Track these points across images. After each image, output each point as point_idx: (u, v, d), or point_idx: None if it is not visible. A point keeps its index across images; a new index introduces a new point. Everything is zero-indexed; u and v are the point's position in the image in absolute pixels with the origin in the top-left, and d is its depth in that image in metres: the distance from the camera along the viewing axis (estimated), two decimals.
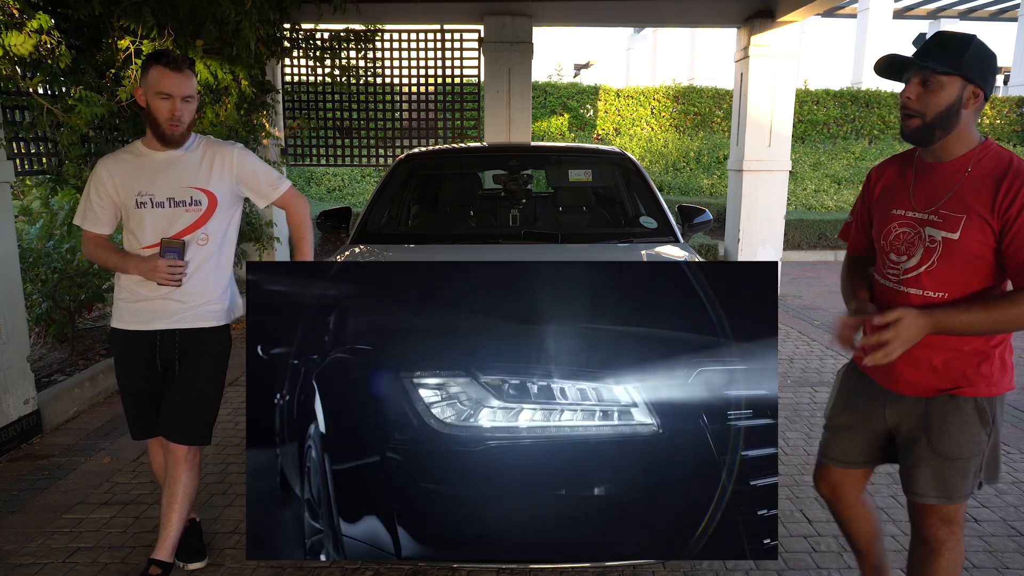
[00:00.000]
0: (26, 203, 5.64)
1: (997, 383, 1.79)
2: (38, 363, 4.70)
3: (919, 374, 1.83)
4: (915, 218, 1.81)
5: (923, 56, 1.72)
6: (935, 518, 1.86)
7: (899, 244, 1.83)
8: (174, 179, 2.39)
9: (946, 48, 1.70)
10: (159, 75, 2.28)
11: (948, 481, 1.82)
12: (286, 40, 5.48)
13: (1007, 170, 1.69)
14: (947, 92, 1.70)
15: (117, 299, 2.49)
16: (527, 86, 7.64)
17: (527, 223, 4.47)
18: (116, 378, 2.58)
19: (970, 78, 1.70)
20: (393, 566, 2.65)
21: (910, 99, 1.74)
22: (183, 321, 2.45)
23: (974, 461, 1.81)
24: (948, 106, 1.71)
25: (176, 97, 2.29)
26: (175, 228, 2.39)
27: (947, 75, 1.69)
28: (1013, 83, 17.28)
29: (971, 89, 1.71)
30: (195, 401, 2.50)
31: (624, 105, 14.94)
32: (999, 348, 1.80)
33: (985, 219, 1.69)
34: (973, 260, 1.72)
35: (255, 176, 2.52)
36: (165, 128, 2.32)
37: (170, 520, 2.52)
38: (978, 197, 1.70)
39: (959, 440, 1.79)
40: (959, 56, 1.69)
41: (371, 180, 12.73)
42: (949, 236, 1.73)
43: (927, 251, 1.77)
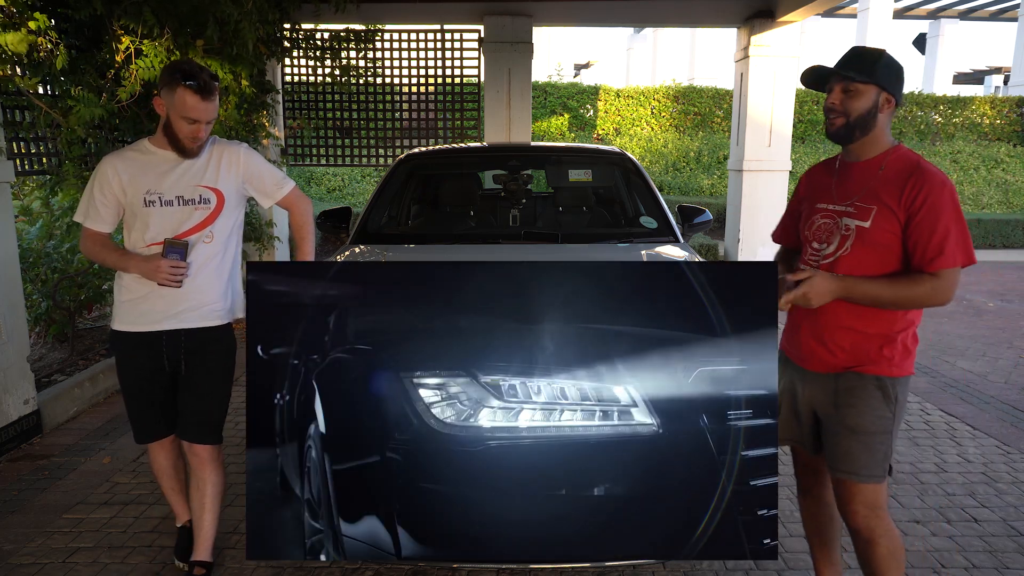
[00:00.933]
0: (26, 203, 5.64)
1: (899, 365, 1.99)
2: (38, 363, 4.70)
3: (829, 354, 2.03)
4: (835, 210, 2.04)
5: (844, 67, 1.96)
6: (857, 503, 2.01)
7: (820, 233, 2.06)
8: (183, 178, 2.38)
9: (863, 60, 1.95)
10: (186, 98, 2.23)
11: (855, 455, 1.99)
12: (286, 40, 5.47)
13: (914, 170, 1.92)
14: (865, 98, 1.94)
15: (119, 300, 2.46)
16: (527, 86, 7.64)
17: (527, 223, 4.47)
18: (119, 381, 2.53)
19: (883, 86, 1.94)
20: (393, 566, 2.65)
21: (835, 103, 1.97)
22: (188, 321, 2.43)
23: (880, 437, 1.99)
24: (867, 110, 1.95)
25: (201, 122, 2.29)
26: (185, 226, 2.37)
27: (864, 83, 1.94)
28: (1013, 83, 17.27)
29: (884, 96, 1.95)
30: (208, 400, 2.50)
31: (624, 105, 14.94)
32: (902, 334, 1.99)
33: (893, 211, 1.91)
34: (881, 247, 1.94)
35: (261, 176, 2.52)
36: (185, 144, 2.32)
37: (204, 521, 2.55)
38: (888, 192, 1.93)
39: (863, 412, 1.98)
40: (873, 67, 1.94)
41: (371, 180, 12.73)
42: (862, 224, 1.96)
43: (843, 238, 1.99)
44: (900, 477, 3.45)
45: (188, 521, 2.73)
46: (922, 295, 1.89)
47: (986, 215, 11.46)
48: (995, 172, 13.46)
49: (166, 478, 2.68)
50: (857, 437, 1.99)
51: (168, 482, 2.70)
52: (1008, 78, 19.00)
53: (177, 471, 2.69)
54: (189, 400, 2.49)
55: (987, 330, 6.44)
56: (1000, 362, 5.44)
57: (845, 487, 2.03)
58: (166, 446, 2.61)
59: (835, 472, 2.04)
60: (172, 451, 2.64)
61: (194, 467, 2.55)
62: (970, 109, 15.07)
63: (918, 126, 14.93)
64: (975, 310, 7.25)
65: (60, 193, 4.44)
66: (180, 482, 2.72)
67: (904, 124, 14.90)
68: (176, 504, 2.75)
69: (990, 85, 27.48)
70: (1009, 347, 5.87)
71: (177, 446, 2.65)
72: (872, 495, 2.01)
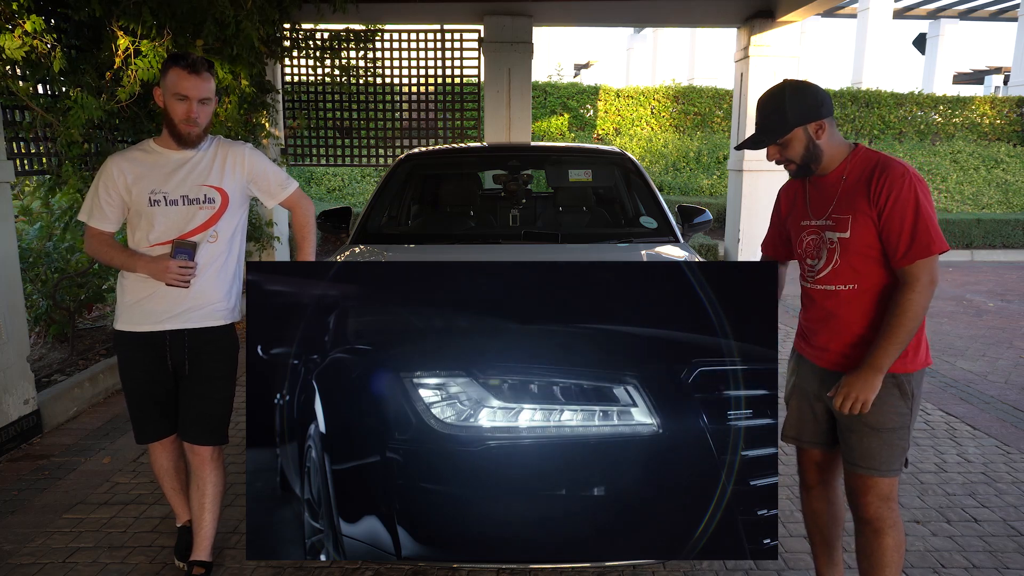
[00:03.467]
0: (26, 203, 5.64)
1: (912, 360, 2.00)
2: (38, 363, 4.70)
3: (845, 351, 2.04)
4: (817, 225, 2.07)
5: (761, 136, 2.02)
6: (872, 495, 2.03)
7: (811, 250, 2.09)
8: (188, 177, 2.38)
9: (771, 119, 2.00)
10: (176, 77, 2.29)
11: (875, 452, 2.01)
12: (286, 40, 5.48)
13: (874, 168, 1.96)
14: (797, 142, 2.00)
15: (121, 301, 2.45)
16: (527, 86, 7.64)
17: (527, 223, 4.47)
18: (121, 381, 2.52)
19: (804, 122, 1.98)
20: (393, 566, 2.65)
21: (778, 158, 2.05)
22: (191, 321, 2.42)
23: (899, 433, 2.01)
24: (805, 148, 2.01)
25: (192, 99, 2.30)
26: (189, 226, 2.37)
27: (786, 135, 1.99)
28: (1013, 83, 17.25)
29: (812, 126, 1.99)
30: (211, 401, 2.49)
31: (624, 105, 14.93)
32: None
33: (866, 213, 1.94)
34: (865, 252, 1.96)
35: (265, 176, 2.53)
36: (180, 128, 2.33)
37: (204, 521, 2.56)
38: (857, 197, 1.96)
39: (883, 410, 1.99)
40: (783, 117, 1.97)
41: (371, 180, 12.73)
42: (843, 236, 1.99)
43: (830, 252, 2.02)
44: (900, 477, 3.44)
45: (188, 521, 2.72)
46: (915, 303, 1.89)
47: (986, 215, 11.46)
48: (995, 172, 13.46)
49: (167, 478, 2.68)
50: (878, 434, 2.00)
51: (169, 482, 2.69)
52: (1008, 78, 18.98)
53: (178, 471, 2.68)
54: (191, 401, 2.48)
55: (987, 330, 6.44)
56: (1000, 362, 5.44)
57: (862, 480, 2.04)
58: (167, 446, 2.61)
59: (854, 468, 2.05)
60: (173, 451, 2.64)
61: (194, 467, 2.55)
62: (970, 109, 15.06)
63: (918, 126, 14.93)
64: (975, 310, 7.25)
65: (60, 193, 4.44)
66: (181, 482, 2.71)
67: (904, 124, 14.90)
68: (177, 504, 2.74)
69: (990, 85, 27.47)
70: (1009, 347, 5.87)
71: (178, 446, 2.64)
72: (888, 488, 2.04)
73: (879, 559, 2.06)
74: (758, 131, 2.05)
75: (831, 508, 2.29)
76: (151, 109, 4.52)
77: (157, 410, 2.52)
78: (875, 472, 2.01)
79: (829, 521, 2.30)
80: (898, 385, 1.99)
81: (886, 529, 2.04)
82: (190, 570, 2.55)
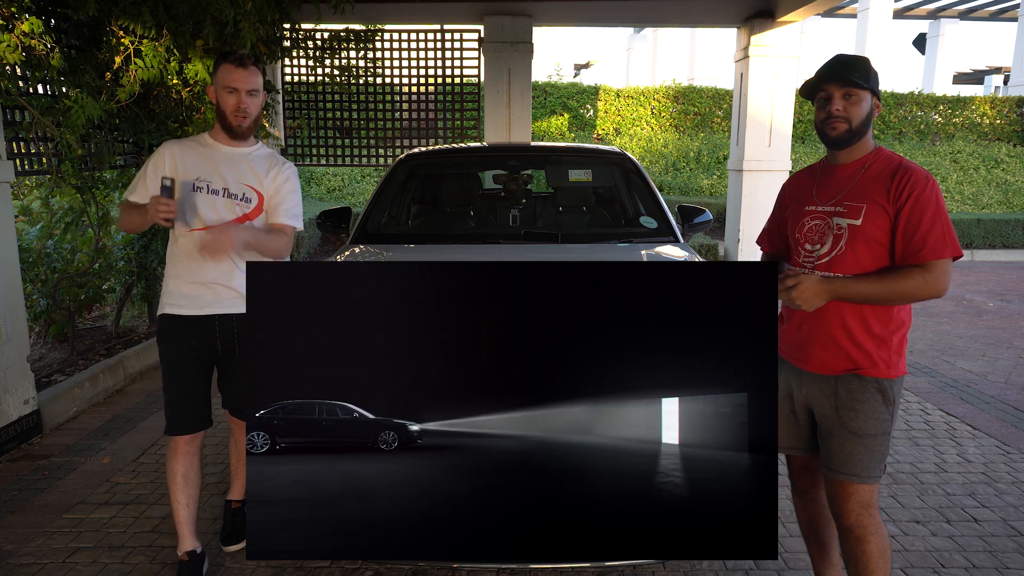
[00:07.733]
0: (26, 203, 5.64)
1: (895, 366, 2.02)
2: (38, 363, 4.70)
3: (828, 355, 2.05)
4: (824, 211, 2.07)
5: (848, 73, 2.01)
6: (852, 502, 2.04)
7: (813, 235, 2.08)
8: (233, 172, 2.51)
9: (858, 68, 2.01)
10: (226, 71, 2.43)
11: (857, 458, 2.02)
12: (286, 40, 5.48)
13: (898, 167, 1.99)
14: (864, 104, 2.01)
15: (167, 289, 2.54)
16: (527, 86, 7.64)
17: (527, 223, 4.47)
18: (164, 367, 2.54)
19: (875, 92, 2.02)
20: (393, 566, 2.66)
21: (839, 109, 2.02)
22: (236, 306, 2.53)
23: (880, 439, 2.02)
24: (866, 114, 2.02)
25: (241, 91, 2.44)
26: (225, 218, 2.48)
27: (863, 90, 2.00)
28: (1013, 83, 17.26)
29: (874, 101, 2.04)
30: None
31: (624, 105, 14.94)
32: (895, 335, 2.03)
33: (882, 206, 1.96)
34: (873, 243, 1.98)
35: (289, 196, 2.62)
36: (232, 120, 2.47)
37: (242, 469, 2.86)
38: (875, 189, 1.98)
39: (865, 416, 2.01)
40: (868, 75, 2.01)
41: (371, 180, 12.73)
42: (853, 223, 1.99)
43: (836, 238, 2.02)
44: (900, 477, 3.45)
45: (191, 552, 2.59)
46: (913, 288, 1.92)
47: (986, 215, 11.46)
48: (995, 172, 13.46)
49: (179, 490, 2.56)
50: (859, 440, 2.01)
51: (182, 496, 2.57)
52: (1008, 78, 18.99)
53: (187, 483, 2.57)
54: (237, 383, 2.61)
55: (987, 330, 6.44)
56: (1000, 362, 5.45)
57: (842, 487, 2.05)
58: (189, 447, 2.56)
59: (833, 474, 2.06)
60: (190, 454, 2.57)
61: (235, 431, 2.80)
62: (970, 109, 15.07)
63: (918, 126, 14.93)
64: (975, 310, 7.25)
65: (60, 193, 4.44)
66: (191, 497, 2.59)
67: (904, 124, 14.90)
68: (184, 528, 2.59)
69: (990, 85, 27.49)
70: (1009, 347, 5.87)
71: (197, 452, 2.60)
72: (868, 494, 2.04)
73: (864, 566, 2.07)
74: (841, 70, 2.01)
75: (825, 511, 2.29)
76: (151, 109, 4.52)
77: (192, 401, 2.55)
78: (855, 478, 2.02)
79: (824, 523, 2.31)
80: (881, 391, 2.01)
81: (868, 536, 2.04)
82: (230, 506, 2.87)
